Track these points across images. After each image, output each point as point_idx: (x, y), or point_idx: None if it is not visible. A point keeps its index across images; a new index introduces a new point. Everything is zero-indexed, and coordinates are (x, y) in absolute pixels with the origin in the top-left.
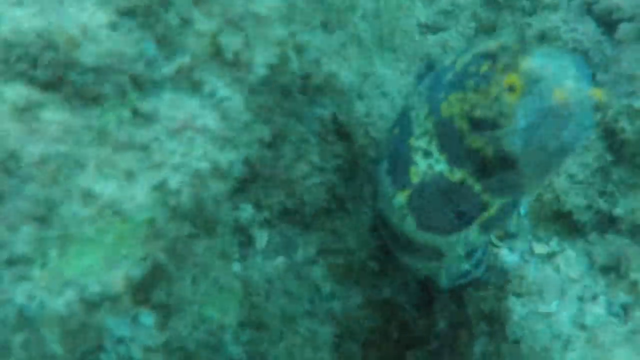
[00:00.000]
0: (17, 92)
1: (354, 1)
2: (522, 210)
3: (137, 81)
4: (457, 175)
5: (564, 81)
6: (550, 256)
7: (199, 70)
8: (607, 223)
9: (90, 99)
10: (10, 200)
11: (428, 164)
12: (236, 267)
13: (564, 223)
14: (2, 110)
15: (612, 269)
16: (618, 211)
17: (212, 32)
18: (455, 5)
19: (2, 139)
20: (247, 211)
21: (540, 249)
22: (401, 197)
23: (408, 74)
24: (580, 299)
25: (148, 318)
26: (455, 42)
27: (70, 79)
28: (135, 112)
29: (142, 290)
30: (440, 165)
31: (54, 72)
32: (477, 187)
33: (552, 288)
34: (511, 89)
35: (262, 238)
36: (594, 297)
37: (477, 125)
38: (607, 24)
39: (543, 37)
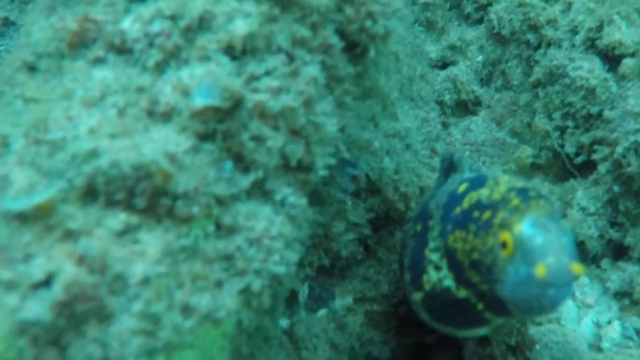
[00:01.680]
0: (117, 218)
1: (379, 64)
2: None
3: (219, 198)
4: (463, 293)
5: (547, 257)
6: None
7: (271, 181)
8: (619, 251)
9: (180, 220)
10: (120, 318)
11: (438, 277)
12: (283, 322)
13: (577, 252)
14: (104, 235)
15: (625, 295)
16: (629, 240)
17: (280, 146)
18: (462, 40)
19: (108, 263)
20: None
21: None
22: (416, 296)
23: (427, 122)
24: (596, 324)
25: None
26: (464, 75)
27: (163, 204)
28: (219, 226)
29: None
30: (448, 281)
31: (149, 200)
32: (480, 306)
33: (569, 315)
34: (504, 246)
35: (303, 292)
36: (609, 322)
37: (475, 264)
38: (611, 59)
39: (552, 75)
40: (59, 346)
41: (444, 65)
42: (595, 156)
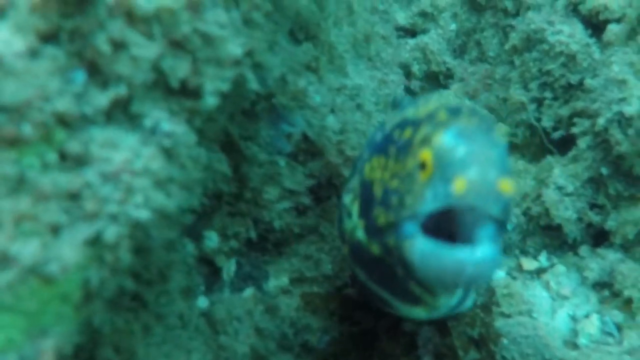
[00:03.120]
0: None
1: (324, 7)
2: (509, 225)
3: (63, 118)
4: (376, 249)
5: (469, 169)
6: (539, 272)
7: (138, 102)
8: (599, 237)
9: (5, 142)
10: None
11: (350, 226)
12: (202, 302)
13: (553, 236)
14: None
15: (606, 286)
16: (610, 224)
17: (152, 58)
18: (434, 6)
19: None
20: (212, 240)
21: (528, 264)
22: (345, 250)
23: (385, 84)
24: (572, 317)
25: None
26: (435, 45)
27: None
28: (63, 155)
29: (84, 357)
30: (360, 232)
31: None
32: (400, 271)
33: (542, 307)
34: (423, 166)
35: (229, 268)
36: (587, 316)
37: (387, 196)
38: (595, 25)
39: (528, 40)
40: None
41: (413, 33)
42: (574, 130)
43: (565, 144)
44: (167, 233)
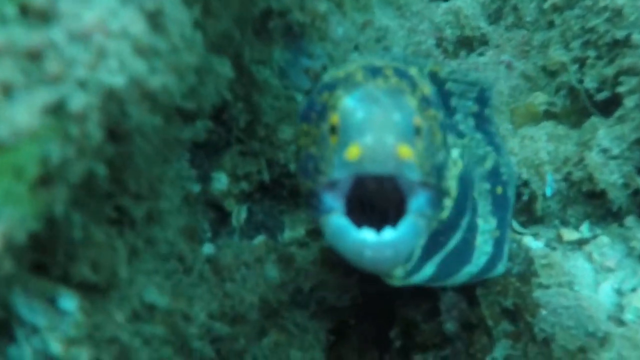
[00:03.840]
0: None
1: None
2: (549, 191)
3: None
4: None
5: (364, 135)
6: (580, 243)
7: None
8: None
9: None
10: None
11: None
12: (207, 248)
13: (596, 205)
14: None
15: None
16: None
17: None
18: None
19: None
20: (221, 182)
21: (569, 235)
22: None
23: (415, 32)
24: (617, 291)
25: (69, 302)
26: (469, 9)
27: None
28: (24, 9)
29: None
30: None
31: None
32: None
33: (584, 279)
34: (333, 130)
35: (240, 214)
36: (633, 289)
37: (306, 163)
38: None
39: None
40: None
41: None
42: (620, 89)
43: (609, 107)
44: (148, 117)
